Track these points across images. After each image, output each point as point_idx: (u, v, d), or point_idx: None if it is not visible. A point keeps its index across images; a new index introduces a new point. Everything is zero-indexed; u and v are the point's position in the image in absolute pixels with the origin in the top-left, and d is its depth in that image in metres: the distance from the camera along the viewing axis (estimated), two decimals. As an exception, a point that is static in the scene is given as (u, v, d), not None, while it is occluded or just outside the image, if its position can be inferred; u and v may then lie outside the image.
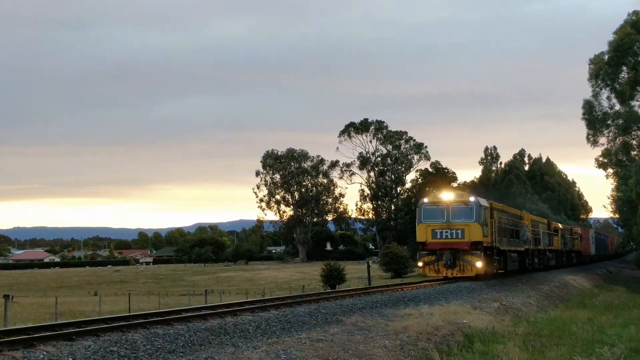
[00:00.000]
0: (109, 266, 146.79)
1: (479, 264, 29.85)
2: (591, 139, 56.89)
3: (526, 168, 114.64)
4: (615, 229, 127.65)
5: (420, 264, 31.24)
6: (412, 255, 63.42)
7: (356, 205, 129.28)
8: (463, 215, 30.40)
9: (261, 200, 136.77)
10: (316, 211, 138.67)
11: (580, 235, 68.27)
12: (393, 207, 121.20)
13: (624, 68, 54.29)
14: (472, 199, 30.74)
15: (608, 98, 55.99)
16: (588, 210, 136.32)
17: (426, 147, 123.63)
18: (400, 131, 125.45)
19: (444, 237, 30.31)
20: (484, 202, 31.65)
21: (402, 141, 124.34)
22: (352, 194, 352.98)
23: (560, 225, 56.28)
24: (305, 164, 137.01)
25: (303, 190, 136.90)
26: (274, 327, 14.79)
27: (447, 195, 31.07)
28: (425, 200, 31.82)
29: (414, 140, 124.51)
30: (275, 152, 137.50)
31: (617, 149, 56.69)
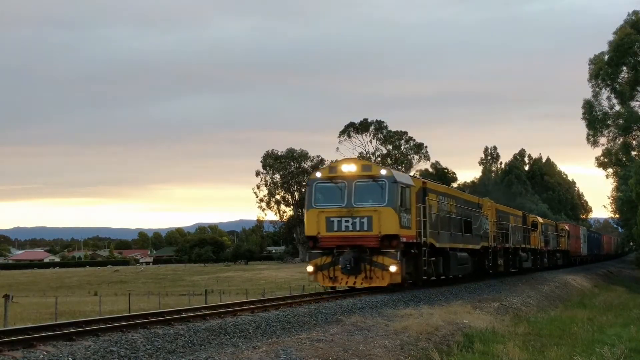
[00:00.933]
0: (108, 266, 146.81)
1: (394, 268, 20.93)
2: (591, 139, 57.01)
3: (526, 168, 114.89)
4: (615, 229, 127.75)
5: (309, 268, 21.90)
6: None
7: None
8: (371, 195, 21.65)
9: (261, 200, 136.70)
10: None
11: (569, 232, 60.68)
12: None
13: (624, 68, 54.40)
14: (383, 172, 21.70)
15: (608, 98, 56.15)
16: (588, 210, 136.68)
17: (426, 147, 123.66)
18: (400, 131, 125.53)
19: (342, 228, 21.38)
20: (404, 177, 23.08)
21: (402, 141, 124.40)
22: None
23: (540, 219, 48.27)
24: (305, 164, 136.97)
25: (303, 190, 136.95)
26: (274, 327, 14.80)
27: (348, 167, 21.98)
28: (318, 174, 22.66)
29: (414, 140, 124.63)
30: (275, 152, 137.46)
31: (617, 149, 56.77)
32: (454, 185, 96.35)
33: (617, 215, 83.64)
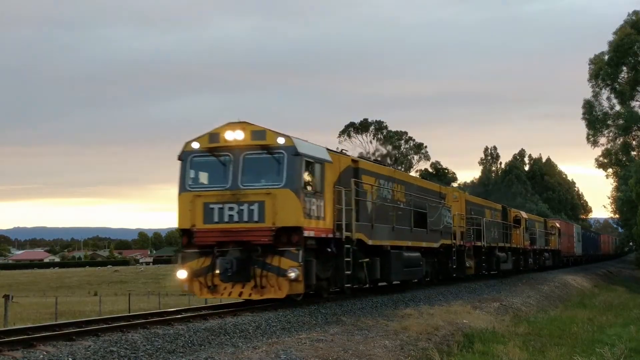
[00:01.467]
0: (108, 266, 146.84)
1: (293, 274, 15.62)
2: (591, 139, 57.17)
3: (526, 168, 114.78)
4: (615, 229, 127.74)
5: (181, 274, 16.38)
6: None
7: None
8: (264, 173, 16.46)
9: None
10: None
11: (559, 230, 56.09)
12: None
13: (624, 68, 54.53)
14: (281, 140, 16.25)
15: (608, 98, 56.35)
16: (588, 210, 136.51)
17: (426, 147, 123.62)
18: (400, 131, 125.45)
19: (225, 218, 16.20)
20: (313, 149, 17.14)
21: (402, 141, 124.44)
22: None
23: (524, 215, 43.00)
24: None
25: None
26: (274, 327, 14.80)
27: (233, 134, 16.52)
28: (195, 144, 16.95)
29: (414, 140, 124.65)
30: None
31: (617, 149, 56.88)
32: (454, 185, 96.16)
33: (617, 216, 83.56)
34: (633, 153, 56.12)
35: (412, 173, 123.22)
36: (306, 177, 16.45)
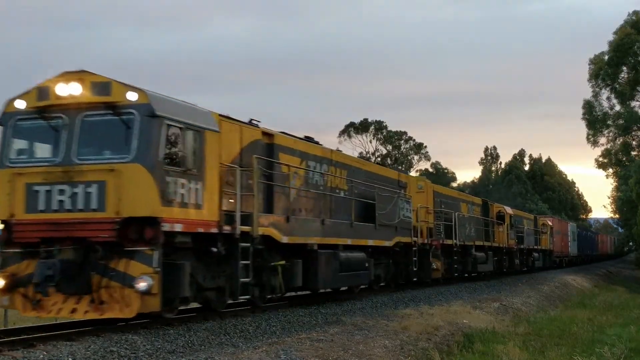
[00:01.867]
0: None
1: (145, 284, 11.47)
2: (591, 139, 57.29)
3: (526, 168, 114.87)
4: (616, 229, 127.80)
5: None
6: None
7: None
8: (107, 142, 12.18)
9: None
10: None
11: (552, 228, 52.75)
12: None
13: (624, 68, 54.59)
14: (132, 95, 11.86)
15: (608, 98, 56.45)
16: (588, 210, 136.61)
17: (426, 147, 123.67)
18: (400, 131, 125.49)
19: (54, 206, 11.94)
20: (183, 110, 12.77)
21: (402, 141, 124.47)
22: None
23: (508, 210, 38.74)
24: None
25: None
26: (274, 327, 14.82)
27: (68, 88, 12.14)
28: (21, 103, 12.54)
29: (414, 140, 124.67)
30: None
31: (617, 149, 56.96)
32: (453, 185, 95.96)
33: (617, 216, 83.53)
34: (633, 153, 56.18)
35: (412, 173, 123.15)
36: (171, 148, 12.06)
